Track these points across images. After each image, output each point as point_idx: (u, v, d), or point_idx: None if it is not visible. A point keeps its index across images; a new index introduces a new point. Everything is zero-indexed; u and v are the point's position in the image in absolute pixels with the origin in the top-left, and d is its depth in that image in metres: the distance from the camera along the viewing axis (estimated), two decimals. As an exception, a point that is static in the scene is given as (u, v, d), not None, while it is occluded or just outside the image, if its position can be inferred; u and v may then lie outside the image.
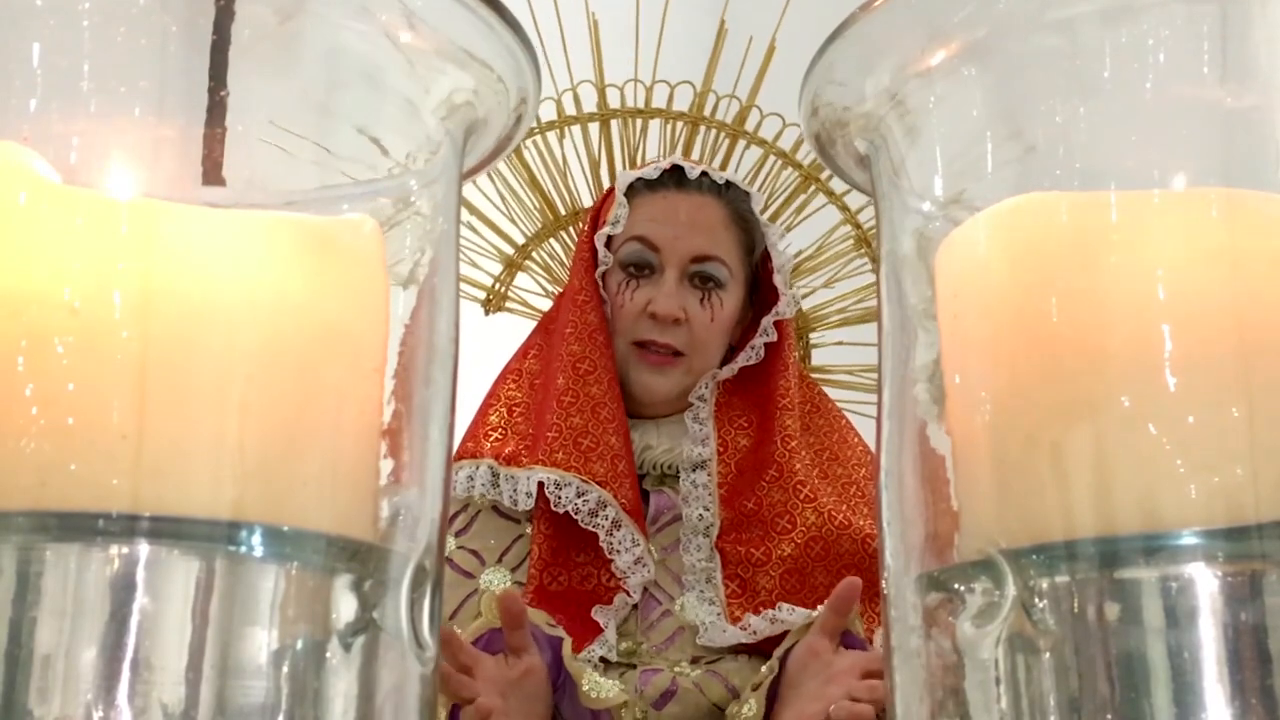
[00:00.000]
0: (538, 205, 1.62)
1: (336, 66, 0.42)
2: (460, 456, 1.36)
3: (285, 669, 0.35)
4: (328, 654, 0.36)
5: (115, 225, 0.36)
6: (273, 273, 0.37)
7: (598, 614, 1.27)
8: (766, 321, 1.44)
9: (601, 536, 1.28)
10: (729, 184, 1.44)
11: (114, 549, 0.33)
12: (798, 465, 1.37)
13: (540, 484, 1.29)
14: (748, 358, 1.44)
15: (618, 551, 1.28)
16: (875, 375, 1.56)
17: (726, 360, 1.45)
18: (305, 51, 0.42)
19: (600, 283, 1.42)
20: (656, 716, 1.23)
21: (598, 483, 1.29)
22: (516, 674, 1.14)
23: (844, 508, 1.36)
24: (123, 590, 0.33)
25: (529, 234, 1.63)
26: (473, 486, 1.33)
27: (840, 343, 1.64)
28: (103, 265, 0.35)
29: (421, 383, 0.42)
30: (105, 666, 0.32)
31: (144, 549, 0.33)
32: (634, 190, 1.42)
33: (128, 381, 0.34)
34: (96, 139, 0.39)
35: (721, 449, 1.40)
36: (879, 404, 0.46)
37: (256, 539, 0.35)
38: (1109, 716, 0.35)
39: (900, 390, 0.45)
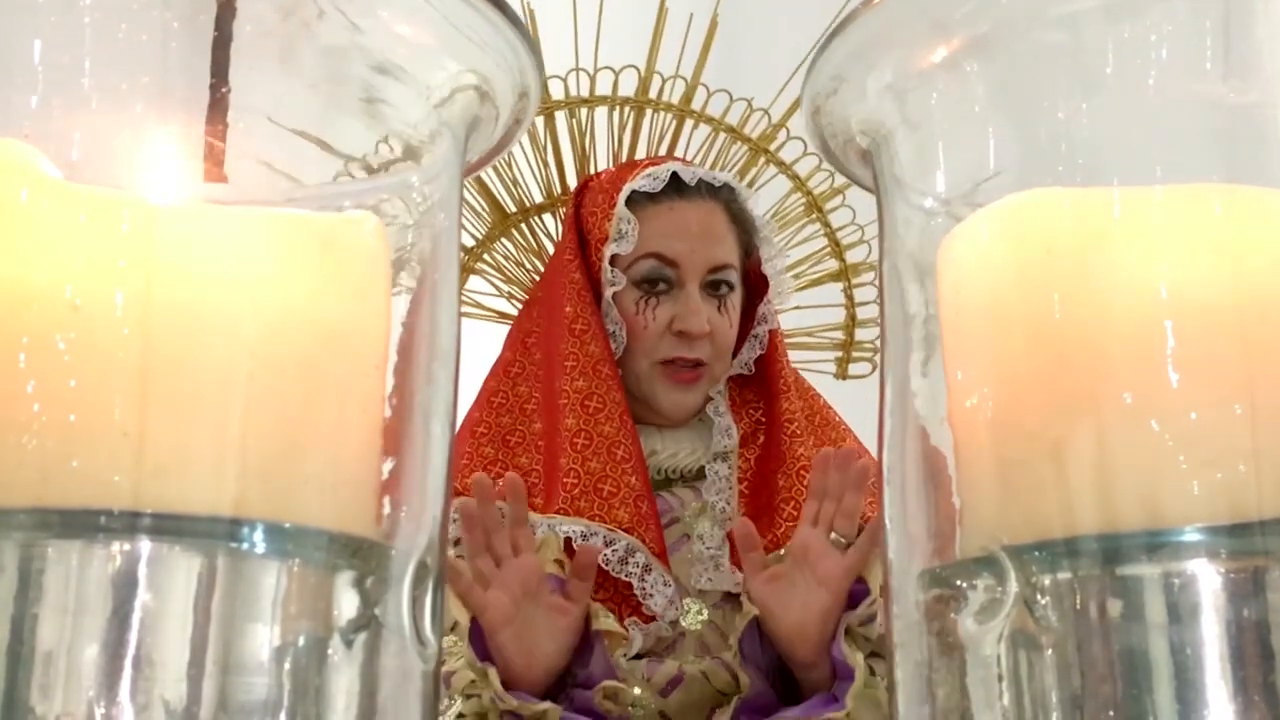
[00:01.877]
0: (486, 206, 1.60)
1: (338, 63, 0.42)
2: (460, 493, 1.34)
3: (287, 666, 0.35)
4: (330, 651, 0.36)
5: (117, 222, 0.36)
6: (274, 270, 0.37)
7: (631, 626, 1.27)
8: (766, 309, 1.44)
9: (635, 585, 1.27)
10: (724, 184, 1.43)
11: (116, 546, 0.33)
12: (800, 450, 1.38)
13: (568, 540, 1.28)
14: (752, 348, 1.45)
15: (651, 595, 1.27)
16: (834, 333, 1.57)
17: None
18: (307, 48, 0.42)
19: (599, 295, 1.39)
20: (661, 703, 1.23)
21: (624, 530, 1.28)
22: (547, 595, 1.15)
23: None
24: (124, 587, 0.33)
25: (478, 236, 1.61)
26: None
27: (798, 307, 1.65)
28: (104, 262, 0.35)
29: (423, 380, 0.42)
30: (107, 663, 0.32)
31: (146, 546, 0.33)
32: (634, 202, 1.39)
33: (129, 379, 0.34)
34: (98, 136, 0.39)
35: (742, 444, 1.41)
36: (881, 401, 0.45)
37: (258, 536, 0.35)
38: (1111, 713, 0.35)
39: (901, 388, 0.45)
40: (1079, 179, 0.42)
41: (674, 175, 1.40)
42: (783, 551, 1.27)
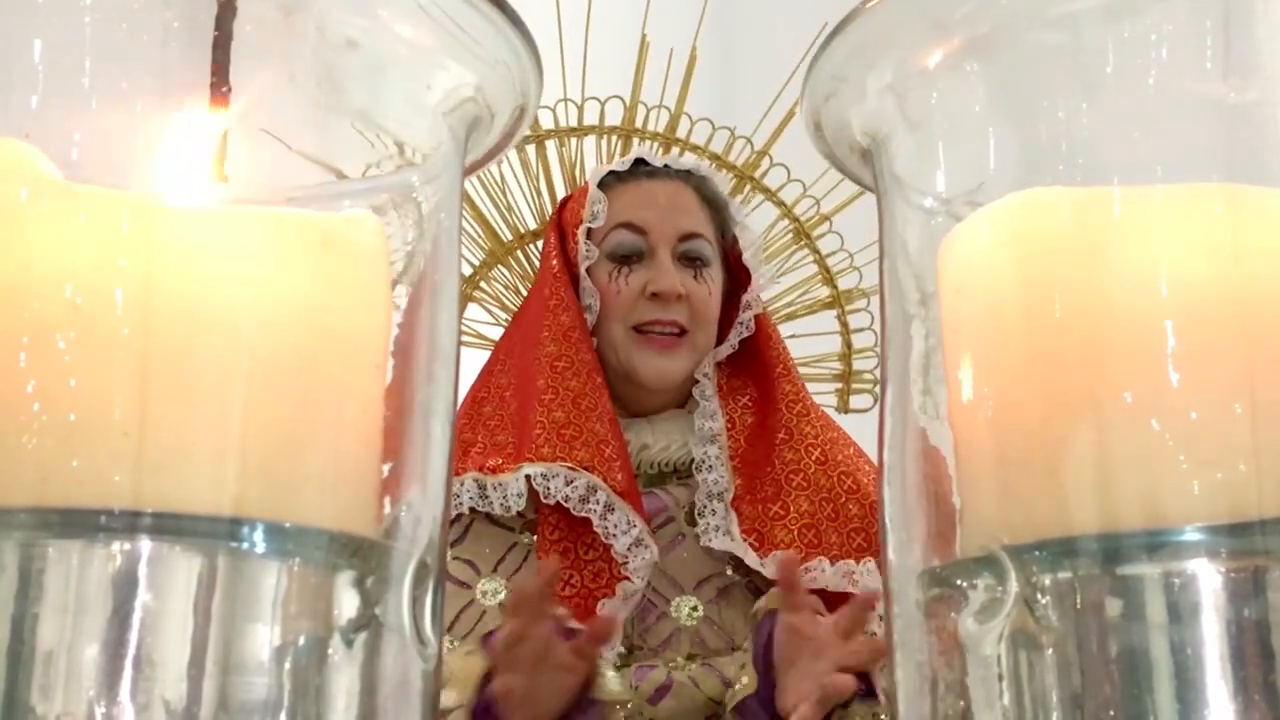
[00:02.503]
0: (481, 234, 1.63)
1: (338, 62, 0.42)
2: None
3: (288, 665, 0.35)
4: (330, 650, 0.36)
5: (117, 222, 0.36)
6: (274, 269, 0.37)
7: (603, 610, 1.26)
8: (750, 296, 1.45)
9: (595, 521, 1.27)
10: (690, 171, 1.46)
11: (116, 545, 0.33)
12: (807, 428, 1.38)
13: (529, 479, 1.28)
14: (739, 332, 1.45)
15: (614, 536, 1.26)
16: (832, 364, 1.56)
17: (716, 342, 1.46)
18: (307, 47, 0.42)
19: (577, 278, 1.41)
20: (652, 711, 1.23)
21: (584, 468, 1.28)
22: (556, 655, 1.14)
23: (854, 469, 1.37)
24: (125, 587, 0.33)
25: (474, 264, 1.63)
26: (460, 504, 1.31)
27: (794, 335, 1.65)
28: (104, 262, 0.35)
29: (423, 379, 0.42)
30: (107, 663, 0.32)
31: (146, 545, 0.33)
32: (605, 184, 1.43)
33: (129, 378, 0.34)
34: (98, 135, 0.39)
35: (730, 425, 1.41)
36: (881, 400, 0.46)
37: (258, 535, 0.35)
38: (1111, 713, 0.35)
39: (902, 387, 0.45)
40: (1079, 178, 0.42)
41: (641, 160, 1.45)
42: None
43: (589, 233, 1.41)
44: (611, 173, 1.44)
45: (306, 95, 0.42)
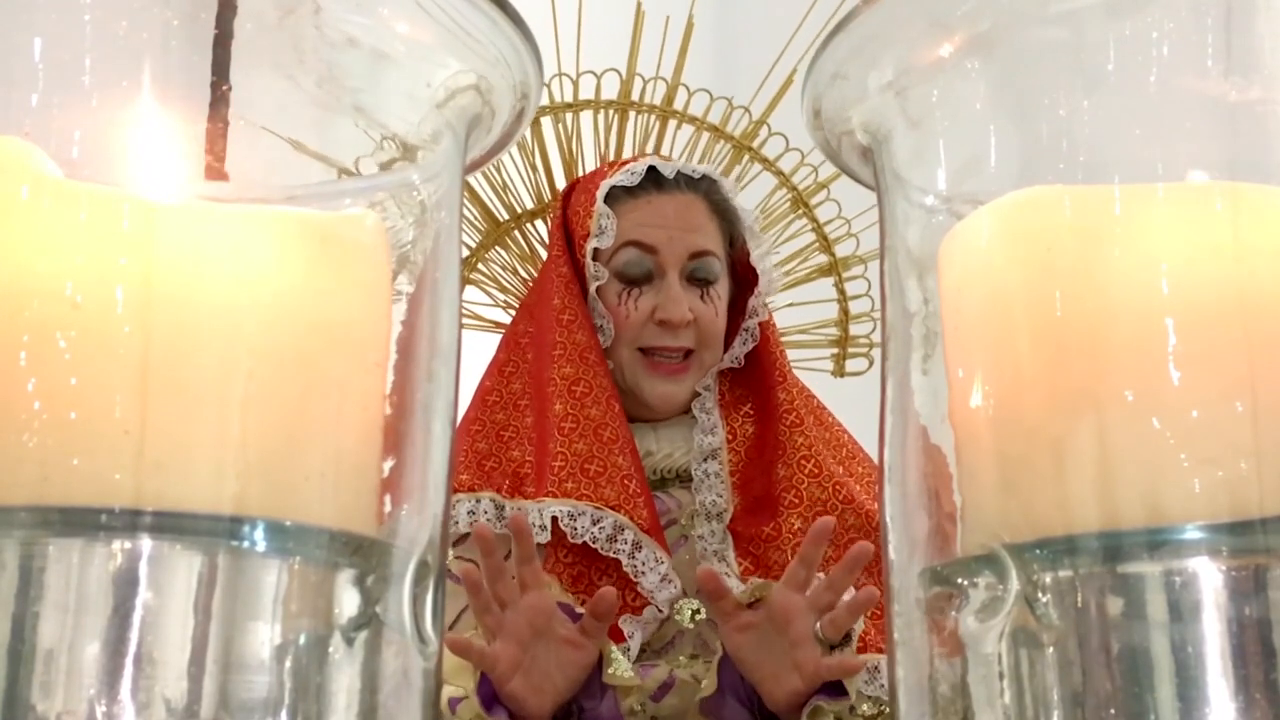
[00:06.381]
0: (477, 214, 1.61)
1: (338, 60, 0.42)
2: (455, 489, 1.33)
3: (288, 664, 0.35)
4: (330, 649, 0.36)
5: (117, 220, 0.36)
6: (274, 268, 0.37)
7: (625, 623, 1.26)
8: (756, 302, 1.44)
9: (625, 562, 1.27)
10: (703, 176, 1.44)
11: (116, 544, 0.33)
12: (799, 440, 1.37)
13: (554, 518, 1.28)
14: (744, 341, 1.44)
15: (643, 573, 1.26)
16: (829, 329, 1.54)
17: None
18: (307, 45, 0.42)
19: (586, 289, 1.39)
20: (655, 709, 1.23)
21: (611, 507, 1.28)
22: (558, 629, 1.13)
23: (849, 479, 1.36)
24: (125, 585, 0.33)
25: (472, 246, 1.61)
26: (475, 522, 1.30)
27: (791, 304, 1.65)
28: (105, 260, 0.35)
29: (424, 377, 0.42)
30: (108, 661, 0.33)
31: (146, 544, 0.33)
32: (613, 197, 1.40)
33: (130, 376, 0.34)
34: (98, 134, 0.39)
35: (730, 437, 1.40)
36: (881, 398, 0.45)
37: (259, 534, 0.35)
38: (1112, 711, 0.35)
39: (902, 386, 0.45)
40: (1080, 176, 0.42)
41: (652, 169, 1.42)
42: (754, 589, 1.24)
43: (595, 251, 1.39)
44: (620, 185, 1.40)
45: (307, 93, 0.42)
